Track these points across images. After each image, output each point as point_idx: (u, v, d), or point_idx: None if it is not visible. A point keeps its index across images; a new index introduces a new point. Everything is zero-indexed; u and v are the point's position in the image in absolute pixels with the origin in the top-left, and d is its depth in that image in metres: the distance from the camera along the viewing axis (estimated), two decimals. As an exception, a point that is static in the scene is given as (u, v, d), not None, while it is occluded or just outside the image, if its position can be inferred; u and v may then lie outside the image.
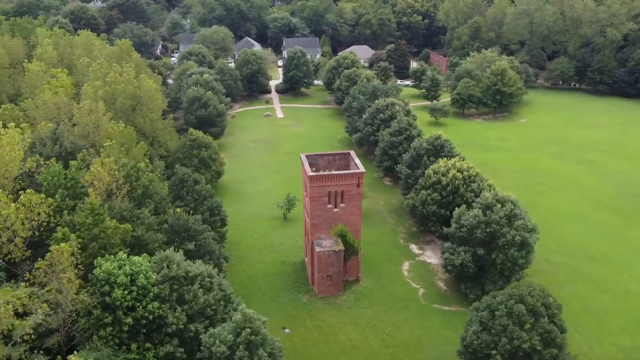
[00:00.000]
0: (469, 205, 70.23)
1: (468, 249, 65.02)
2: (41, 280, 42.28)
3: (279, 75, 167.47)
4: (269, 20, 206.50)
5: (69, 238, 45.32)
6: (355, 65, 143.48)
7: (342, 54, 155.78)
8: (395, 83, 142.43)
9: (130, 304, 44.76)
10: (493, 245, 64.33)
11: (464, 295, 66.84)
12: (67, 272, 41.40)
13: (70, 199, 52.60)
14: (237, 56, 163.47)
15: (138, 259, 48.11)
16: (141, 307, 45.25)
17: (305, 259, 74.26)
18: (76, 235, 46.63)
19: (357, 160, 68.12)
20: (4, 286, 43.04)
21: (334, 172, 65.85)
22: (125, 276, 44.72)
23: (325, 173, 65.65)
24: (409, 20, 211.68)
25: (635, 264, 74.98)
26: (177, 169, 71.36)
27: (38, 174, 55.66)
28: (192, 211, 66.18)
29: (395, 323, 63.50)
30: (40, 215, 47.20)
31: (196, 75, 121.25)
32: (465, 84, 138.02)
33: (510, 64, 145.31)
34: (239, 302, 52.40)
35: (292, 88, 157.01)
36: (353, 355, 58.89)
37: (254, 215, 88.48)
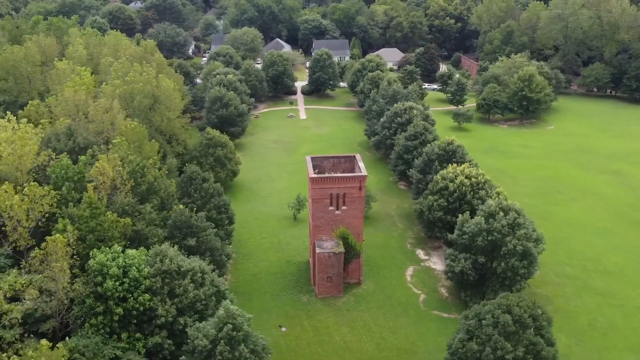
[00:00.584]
0: (474, 212, 69.38)
1: (469, 257, 64.35)
2: (37, 268, 44.65)
3: (306, 77, 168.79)
4: (300, 22, 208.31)
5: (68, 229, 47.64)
6: (380, 68, 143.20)
7: (368, 56, 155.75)
8: (421, 87, 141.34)
9: (121, 295, 46.65)
10: (495, 253, 63.46)
11: (465, 303, 66.10)
12: (60, 262, 43.54)
13: (76, 192, 55.08)
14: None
15: (134, 252, 50.03)
16: (132, 299, 47.09)
17: (310, 259, 75.04)
18: (75, 227, 48.92)
19: (361, 164, 68.41)
20: (7, 272, 45.65)
21: (336, 175, 66.37)
22: (117, 268, 46.62)
23: (327, 175, 66.26)
24: (441, 24, 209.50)
25: (652, 280, 72.41)
26: (187, 166, 73.37)
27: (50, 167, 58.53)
28: (198, 208, 68.00)
29: (391, 327, 63.48)
30: (43, 207, 49.73)
31: (220, 76, 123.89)
32: (491, 89, 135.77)
33: (539, 70, 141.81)
34: (232, 299, 53.74)
35: (317, 90, 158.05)
36: (346, 357, 59.28)
37: (265, 215, 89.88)
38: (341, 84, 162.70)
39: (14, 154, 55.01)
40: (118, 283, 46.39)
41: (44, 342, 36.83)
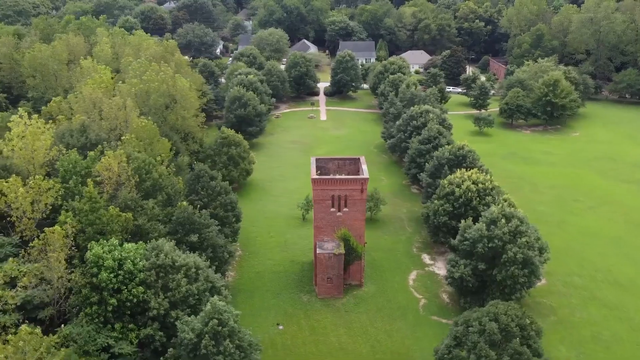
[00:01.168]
0: (476, 218, 68.58)
1: (469, 263, 63.71)
2: (35, 257, 46.88)
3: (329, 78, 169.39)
4: (327, 24, 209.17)
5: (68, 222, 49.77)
6: (402, 70, 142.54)
7: (390, 59, 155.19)
8: (442, 90, 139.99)
9: (115, 286, 48.41)
10: (496, 261, 62.62)
11: (464, 310, 65.34)
12: (57, 253, 45.58)
13: (83, 186, 57.32)
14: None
15: (132, 246, 51.79)
16: (126, 290, 48.79)
17: (313, 260, 75.66)
18: (77, 220, 51.02)
19: (365, 167, 68.62)
20: (10, 260, 48.02)
21: (337, 177, 66.81)
22: (112, 260, 48.40)
23: (329, 177, 66.77)
24: (470, 26, 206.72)
25: (664, 294, 69.94)
26: (195, 164, 75.06)
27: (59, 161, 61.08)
28: (204, 206, 69.51)
29: (388, 330, 63.47)
30: (49, 199, 52.07)
31: (241, 76, 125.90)
32: (514, 93, 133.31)
33: (566, 75, 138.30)
34: (226, 295, 54.91)
35: (340, 91, 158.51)
36: (339, 358, 59.66)
37: (275, 214, 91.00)
38: (364, 86, 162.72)
39: (26, 148, 57.70)
40: (113, 275, 48.16)
41: (26, 328, 38.44)
